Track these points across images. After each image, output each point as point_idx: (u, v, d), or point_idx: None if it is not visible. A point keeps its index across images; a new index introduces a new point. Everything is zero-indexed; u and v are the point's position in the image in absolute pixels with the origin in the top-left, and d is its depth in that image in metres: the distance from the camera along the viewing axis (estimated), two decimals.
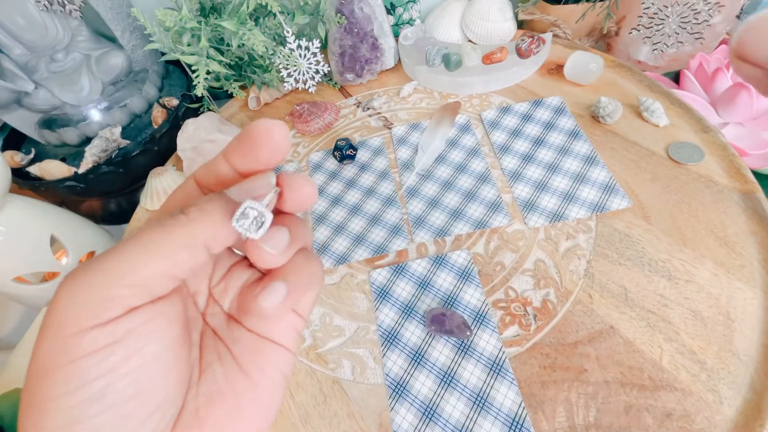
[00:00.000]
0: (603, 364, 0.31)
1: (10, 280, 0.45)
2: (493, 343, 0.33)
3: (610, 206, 0.39)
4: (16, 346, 0.42)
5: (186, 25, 0.45)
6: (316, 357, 0.36)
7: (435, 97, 0.54)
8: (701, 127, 0.43)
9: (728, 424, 0.27)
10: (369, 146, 0.50)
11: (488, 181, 0.43)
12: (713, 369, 0.29)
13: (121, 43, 0.56)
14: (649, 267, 0.35)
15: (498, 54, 0.52)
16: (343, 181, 0.47)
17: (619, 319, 0.33)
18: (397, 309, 0.37)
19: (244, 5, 0.46)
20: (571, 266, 0.36)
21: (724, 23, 0.56)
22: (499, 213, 0.41)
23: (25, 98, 0.54)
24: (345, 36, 0.55)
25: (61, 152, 0.56)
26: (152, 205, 0.49)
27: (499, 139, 0.47)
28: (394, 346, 0.35)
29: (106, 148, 0.52)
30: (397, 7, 0.60)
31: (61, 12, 0.53)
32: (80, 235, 0.50)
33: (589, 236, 0.37)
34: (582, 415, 0.29)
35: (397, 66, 0.59)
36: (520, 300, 0.35)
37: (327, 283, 0.40)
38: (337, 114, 0.54)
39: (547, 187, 0.41)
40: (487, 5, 0.55)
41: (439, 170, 0.46)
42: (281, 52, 0.51)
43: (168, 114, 0.56)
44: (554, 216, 0.39)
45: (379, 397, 0.33)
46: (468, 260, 0.38)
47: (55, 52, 0.55)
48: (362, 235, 0.42)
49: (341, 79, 0.58)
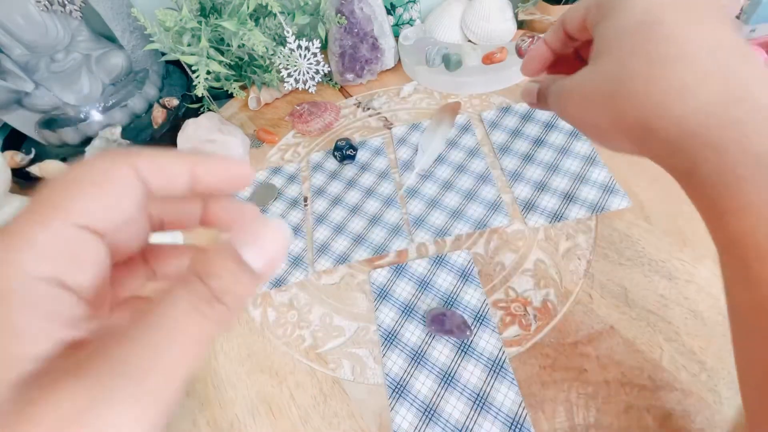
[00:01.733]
0: (603, 364, 0.31)
1: None
2: (493, 343, 0.33)
3: (610, 206, 0.39)
4: None
5: (186, 25, 0.45)
6: (316, 357, 0.36)
7: (435, 97, 0.54)
8: None
9: (728, 424, 0.27)
10: (369, 146, 0.50)
11: (488, 181, 0.43)
12: (713, 369, 0.29)
13: (121, 43, 0.56)
14: (649, 267, 0.35)
15: (498, 54, 0.52)
16: (343, 182, 0.47)
17: (619, 319, 0.33)
18: (397, 309, 0.37)
19: (244, 5, 0.46)
20: (571, 266, 0.36)
21: None
22: (499, 213, 0.41)
23: (25, 98, 0.54)
24: (345, 36, 0.55)
25: (61, 152, 0.56)
26: None
27: (499, 139, 0.47)
28: (394, 346, 0.35)
29: (106, 148, 0.52)
30: (397, 7, 0.60)
31: (61, 12, 0.53)
32: None
33: (589, 236, 0.37)
34: (582, 415, 0.29)
35: (397, 66, 0.59)
36: (520, 300, 0.35)
37: (327, 283, 0.40)
38: (337, 114, 0.54)
39: (547, 187, 0.41)
40: (487, 5, 0.55)
41: (439, 170, 0.46)
42: (281, 52, 0.51)
43: (168, 114, 0.56)
44: (554, 216, 0.39)
45: (379, 397, 0.33)
46: (468, 260, 0.38)
47: (56, 52, 0.55)
48: (362, 235, 0.42)
49: (341, 79, 0.58)
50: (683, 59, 0.20)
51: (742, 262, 0.18)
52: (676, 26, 0.21)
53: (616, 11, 0.23)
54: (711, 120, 0.19)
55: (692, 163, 0.20)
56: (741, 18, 0.61)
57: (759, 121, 0.18)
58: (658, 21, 0.21)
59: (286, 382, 0.35)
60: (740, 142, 0.18)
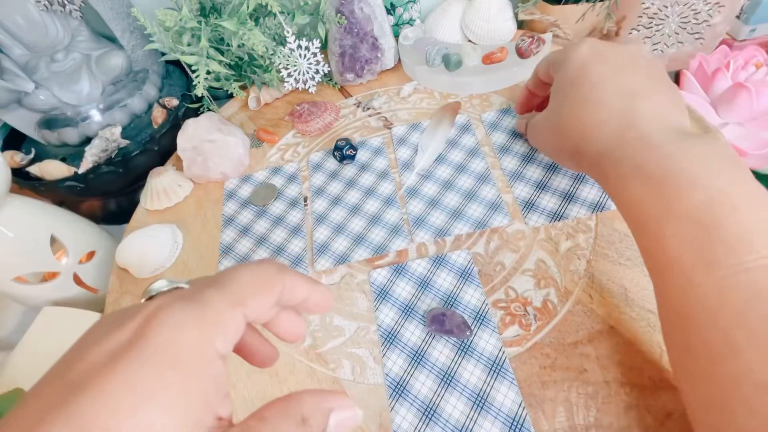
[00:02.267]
0: (603, 364, 0.31)
1: (10, 280, 0.45)
2: (493, 343, 0.33)
3: (611, 205, 0.39)
4: (16, 346, 0.42)
5: (186, 25, 0.45)
6: (316, 357, 0.36)
7: (435, 97, 0.54)
8: (701, 127, 0.43)
9: None
10: (369, 146, 0.50)
11: (488, 181, 0.43)
12: None
13: (121, 43, 0.56)
14: None
15: (498, 54, 0.52)
16: (343, 181, 0.47)
17: (619, 319, 0.33)
18: (397, 309, 0.37)
19: (244, 5, 0.46)
20: (571, 266, 0.36)
21: (724, 23, 0.56)
22: (499, 213, 0.41)
23: (25, 98, 0.54)
24: (345, 36, 0.55)
25: (61, 152, 0.56)
26: (152, 205, 0.49)
27: (499, 139, 0.47)
28: (394, 346, 0.35)
29: (106, 148, 0.52)
30: (397, 7, 0.60)
31: (61, 12, 0.53)
32: (80, 235, 0.50)
33: (589, 236, 0.37)
34: (582, 415, 0.29)
35: (397, 66, 0.59)
36: (520, 300, 0.35)
37: (327, 283, 0.40)
38: (337, 114, 0.54)
39: (548, 187, 0.41)
40: (487, 5, 0.55)
41: (439, 170, 0.46)
42: (281, 52, 0.51)
43: (168, 114, 0.56)
44: (554, 216, 0.39)
45: (379, 397, 0.33)
46: (468, 260, 0.38)
47: (55, 52, 0.55)
48: (362, 235, 0.42)
49: (341, 79, 0.58)
50: (601, 102, 0.29)
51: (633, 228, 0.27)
52: (599, 77, 0.29)
53: (563, 66, 0.32)
54: (613, 144, 0.27)
55: (605, 174, 0.28)
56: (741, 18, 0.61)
57: (640, 145, 0.26)
58: (587, 73, 0.30)
59: (286, 382, 0.35)
60: (629, 157, 0.26)
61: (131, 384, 0.12)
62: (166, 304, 0.15)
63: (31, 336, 0.43)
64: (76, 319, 0.44)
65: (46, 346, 0.42)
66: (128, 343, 0.14)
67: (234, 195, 0.49)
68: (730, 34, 0.64)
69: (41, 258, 0.46)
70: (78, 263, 0.49)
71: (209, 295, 0.16)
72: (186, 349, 0.14)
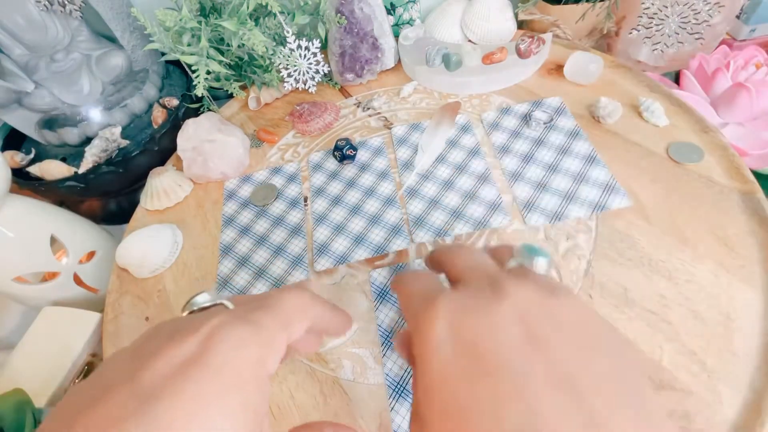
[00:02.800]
0: None
1: (10, 280, 0.45)
2: None
3: (610, 206, 0.39)
4: (16, 346, 0.42)
5: (186, 25, 0.45)
6: (316, 357, 0.36)
7: (435, 97, 0.54)
8: (701, 128, 0.43)
9: (728, 424, 0.27)
10: (369, 146, 0.50)
11: (488, 181, 0.43)
12: (713, 369, 0.29)
13: (121, 43, 0.56)
14: (649, 267, 0.35)
15: (498, 54, 0.52)
16: (343, 181, 0.47)
17: (619, 319, 0.33)
18: (397, 309, 0.37)
19: (244, 5, 0.46)
20: (571, 266, 0.36)
21: (724, 23, 0.56)
22: (499, 213, 0.41)
23: (25, 98, 0.54)
24: (345, 36, 0.55)
25: (61, 152, 0.56)
26: (152, 205, 0.49)
27: (499, 139, 0.47)
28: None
29: (106, 148, 0.52)
30: (397, 7, 0.60)
31: (61, 12, 0.53)
32: (80, 235, 0.50)
33: (589, 236, 0.37)
34: None
35: (397, 66, 0.59)
36: None
37: (327, 283, 0.40)
38: (337, 114, 0.54)
39: (547, 187, 0.41)
40: (487, 5, 0.55)
41: (439, 170, 0.46)
42: (281, 52, 0.51)
43: (168, 114, 0.56)
44: (554, 216, 0.39)
45: (379, 397, 0.33)
46: None
47: (55, 52, 0.55)
48: (362, 235, 0.42)
49: (341, 79, 0.58)
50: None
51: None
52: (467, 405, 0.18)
53: (417, 365, 0.20)
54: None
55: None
56: (741, 18, 0.61)
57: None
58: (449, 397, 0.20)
59: (286, 382, 0.35)
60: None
61: (202, 396, 0.14)
62: (225, 322, 0.16)
63: (31, 336, 0.43)
64: (76, 319, 0.44)
65: (46, 346, 0.42)
66: (193, 356, 0.15)
67: (234, 195, 0.49)
68: (730, 34, 0.64)
69: (41, 258, 0.46)
70: (78, 263, 0.49)
71: (261, 317, 0.17)
72: (247, 367, 0.15)
